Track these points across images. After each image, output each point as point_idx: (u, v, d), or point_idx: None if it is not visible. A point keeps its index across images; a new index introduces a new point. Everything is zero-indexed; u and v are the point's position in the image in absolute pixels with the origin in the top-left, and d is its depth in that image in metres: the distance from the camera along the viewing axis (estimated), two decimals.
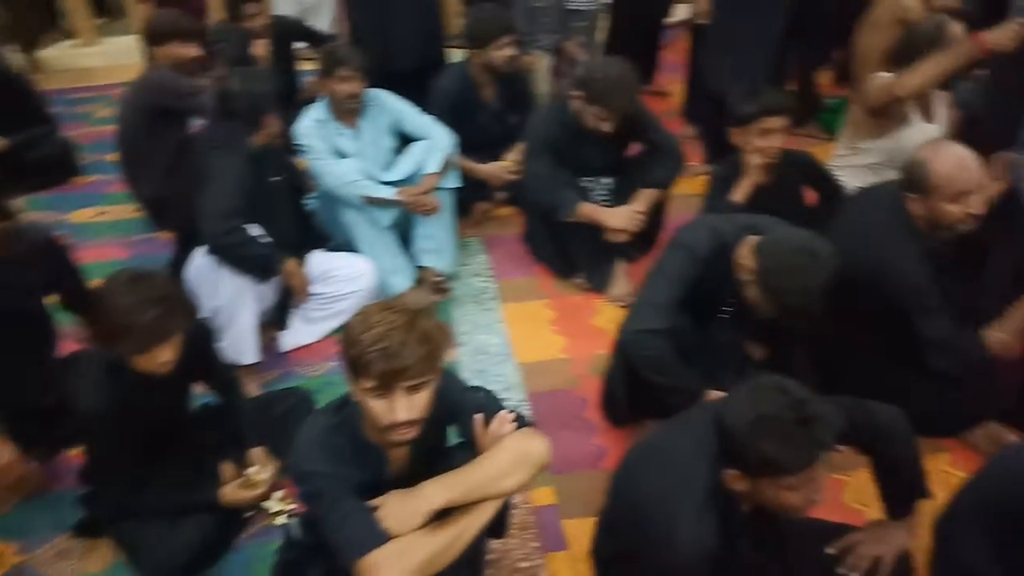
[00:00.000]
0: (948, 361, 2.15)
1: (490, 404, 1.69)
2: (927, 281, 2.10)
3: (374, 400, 1.45)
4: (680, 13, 4.28)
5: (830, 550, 1.80)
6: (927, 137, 2.62)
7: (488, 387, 1.77)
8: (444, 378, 1.59)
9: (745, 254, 1.99)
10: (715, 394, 1.98)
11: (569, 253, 3.09)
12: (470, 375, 2.67)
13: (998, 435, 2.27)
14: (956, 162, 2.06)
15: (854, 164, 2.89)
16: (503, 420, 1.61)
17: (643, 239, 3.05)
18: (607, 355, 2.35)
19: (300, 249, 2.79)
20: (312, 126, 2.95)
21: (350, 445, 1.58)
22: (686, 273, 2.06)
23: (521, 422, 1.65)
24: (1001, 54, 2.48)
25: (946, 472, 2.25)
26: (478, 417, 1.63)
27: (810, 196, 2.87)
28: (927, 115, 2.84)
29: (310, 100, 3.17)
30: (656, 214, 3.05)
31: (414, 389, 1.45)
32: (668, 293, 2.05)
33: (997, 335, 2.15)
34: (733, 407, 1.48)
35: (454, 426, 1.73)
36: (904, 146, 2.74)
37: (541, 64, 3.79)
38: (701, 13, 3.60)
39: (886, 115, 2.77)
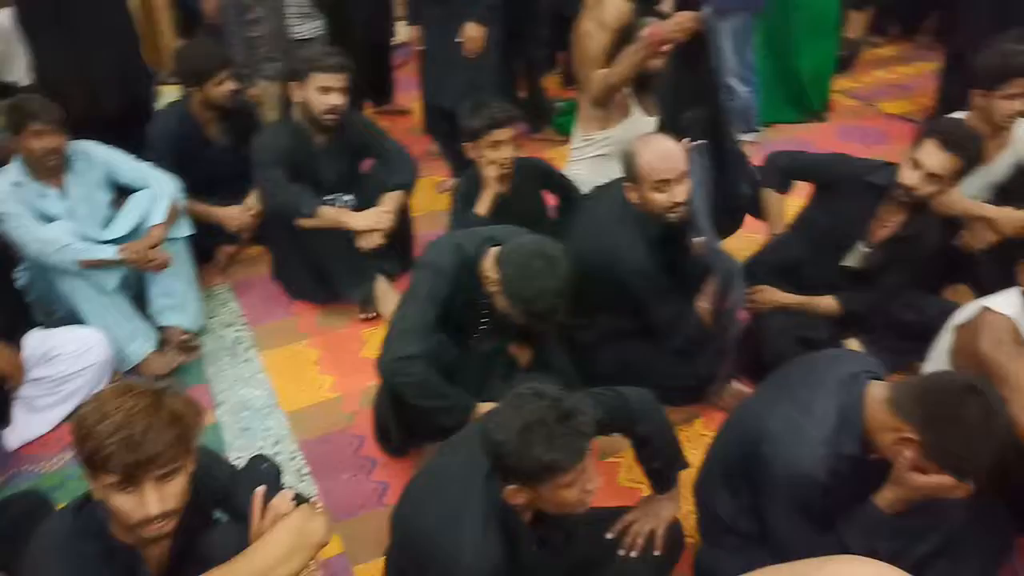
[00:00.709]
0: (677, 338, 2.36)
1: (266, 478, 1.56)
2: (651, 268, 2.27)
3: (120, 496, 1.29)
4: (402, 34, 4.31)
5: (609, 534, 1.89)
6: (642, 130, 2.87)
7: (256, 443, 1.65)
8: (202, 457, 1.45)
9: (488, 266, 2.03)
10: (486, 407, 2.00)
11: (325, 276, 2.99)
12: (234, 435, 2.49)
13: (737, 392, 2.51)
14: (660, 153, 2.23)
15: (588, 156, 3.07)
16: (281, 500, 1.49)
17: (399, 255, 3.05)
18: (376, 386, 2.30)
19: (13, 331, 2.45)
20: (7, 191, 2.60)
21: (97, 550, 1.38)
22: (436, 292, 2.07)
23: (299, 499, 1.54)
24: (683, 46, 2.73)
25: (702, 435, 2.45)
26: (257, 495, 1.49)
27: (551, 199, 3.01)
28: (648, 109, 3.10)
29: (2, 162, 2.79)
30: (405, 231, 3.06)
31: (165, 478, 1.31)
32: (421, 316, 2.04)
33: (702, 305, 2.39)
34: (497, 423, 1.48)
35: (222, 510, 1.59)
36: (627, 136, 2.98)
37: (268, 94, 3.65)
38: (414, 38, 3.65)
39: (608, 107, 2.99)
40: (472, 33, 3.43)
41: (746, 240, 2.97)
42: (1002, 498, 1.89)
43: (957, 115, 2.82)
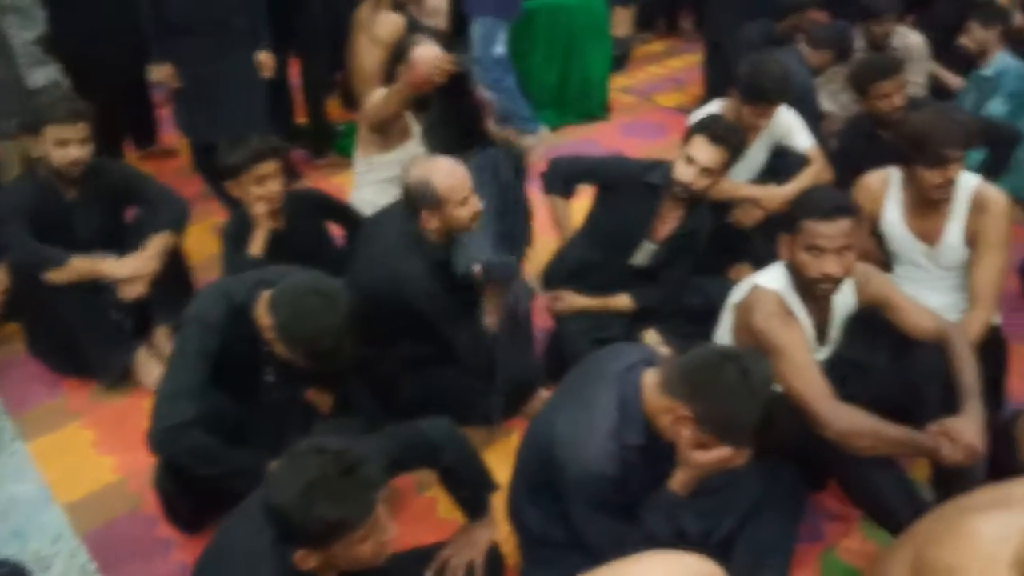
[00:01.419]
0: (475, 359, 2.32)
1: None
2: (438, 291, 2.23)
3: None
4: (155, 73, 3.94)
5: (428, 574, 1.80)
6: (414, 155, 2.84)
7: (30, 546, 1.40)
8: None
9: (261, 312, 1.88)
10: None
11: (78, 348, 2.65)
12: (4, 540, 2.16)
13: (546, 400, 2.50)
14: (451, 172, 2.23)
15: (372, 180, 2.98)
16: None
17: (172, 307, 2.78)
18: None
19: None
20: None
21: None
22: (205, 348, 1.89)
23: None
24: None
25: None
26: None
27: (336, 229, 2.88)
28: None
29: None
30: (181, 279, 2.81)
31: None
32: (190, 376, 1.86)
33: (490, 320, 2.38)
34: (276, 485, 1.36)
35: None
36: (405, 158, 2.93)
37: (8, 152, 3.25)
38: (168, 74, 3.36)
39: (387, 129, 2.91)
40: (265, 60, 3.31)
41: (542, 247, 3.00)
42: (789, 460, 1.98)
43: (715, 105, 3.00)
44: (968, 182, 2.36)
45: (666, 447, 1.65)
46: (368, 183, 2.98)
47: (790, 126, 2.98)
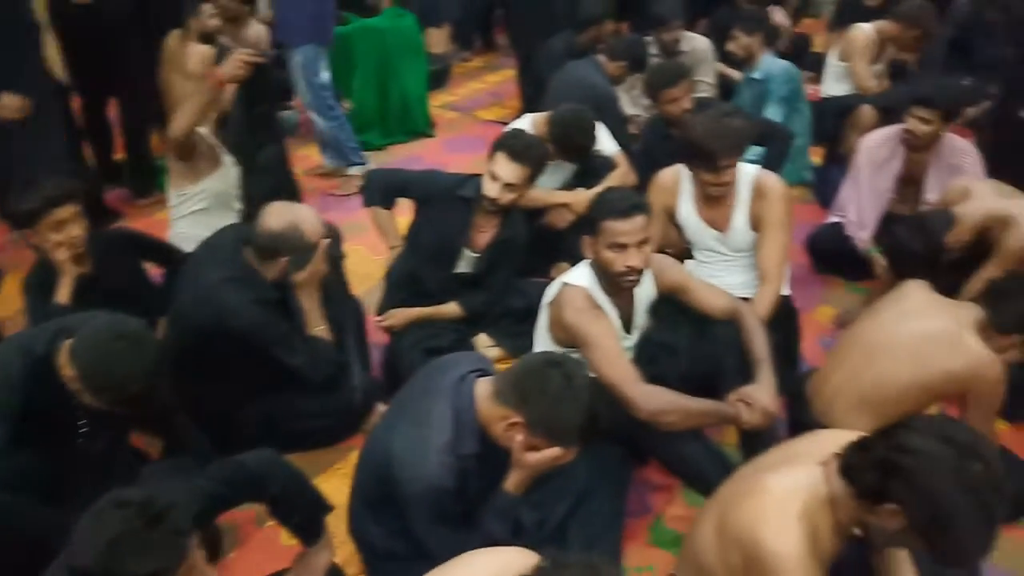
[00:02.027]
0: (318, 372, 2.31)
1: None
2: (266, 318, 2.22)
3: None
4: None
5: None
6: (234, 177, 2.80)
7: None
8: None
9: (63, 362, 1.80)
10: None
11: None
12: None
13: (382, 414, 2.54)
14: (304, 215, 2.24)
15: (186, 212, 2.92)
16: None
17: None
18: None
19: None
20: None
21: None
22: (3, 408, 1.78)
23: None
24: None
25: None
26: None
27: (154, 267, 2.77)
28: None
29: None
30: None
31: None
32: None
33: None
34: (79, 548, 1.30)
35: None
36: (221, 187, 2.88)
37: None
38: None
39: (196, 159, 2.85)
40: (8, 103, 2.99)
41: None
42: (612, 440, 2.13)
43: (525, 119, 3.15)
44: (749, 171, 2.61)
45: (500, 452, 1.73)
46: (182, 215, 2.90)
47: (596, 135, 3.18)
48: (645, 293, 2.29)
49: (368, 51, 4.35)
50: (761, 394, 2.05)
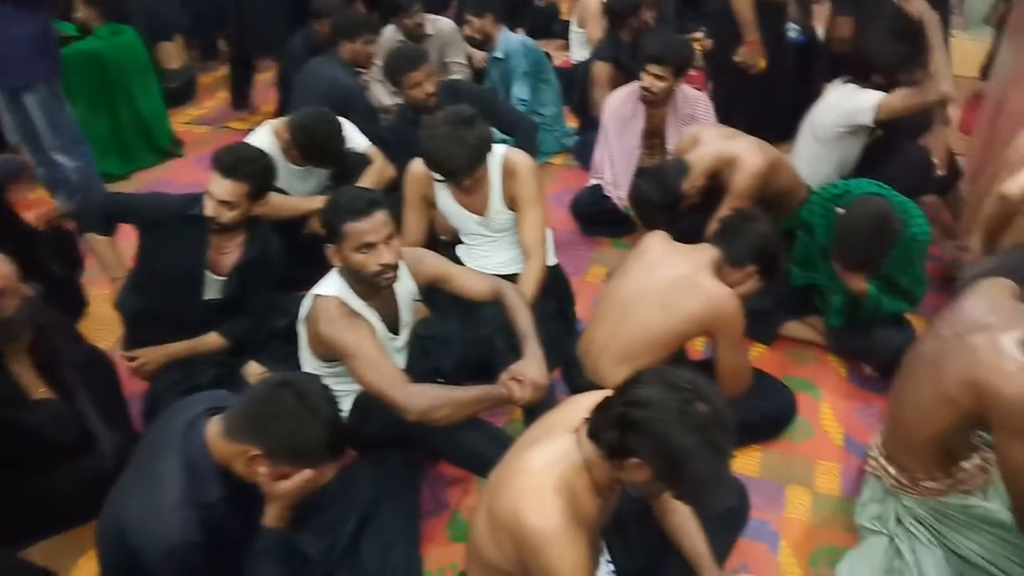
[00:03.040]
0: (60, 433, 2.06)
1: None
2: None
3: None
4: None
5: None
6: None
7: None
8: None
9: None
10: None
11: None
12: None
13: None
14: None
15: None
16: None
17: None
18: None
19: None
20: None
21: None
22: None
23: None
24: None
25: None
26: None
27: None
28: None
29: None
30: None
31: None
32: None
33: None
34: None
35: None
36: None
37: None
38: None
39: None
40: None
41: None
42: (394, 445, 2.07)
43: (264, 128, 2.97)
44: (498, 152, 2.60)
45: (251, 489, 1.61)
46: None
47: (343, 135, 3.07)
48: (405, 289, 2.23)
49: (87, 76, 3.93)
50: (529, 368, 2.05)
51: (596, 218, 3.49)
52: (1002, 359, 1.68)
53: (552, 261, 2.77)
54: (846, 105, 3.00)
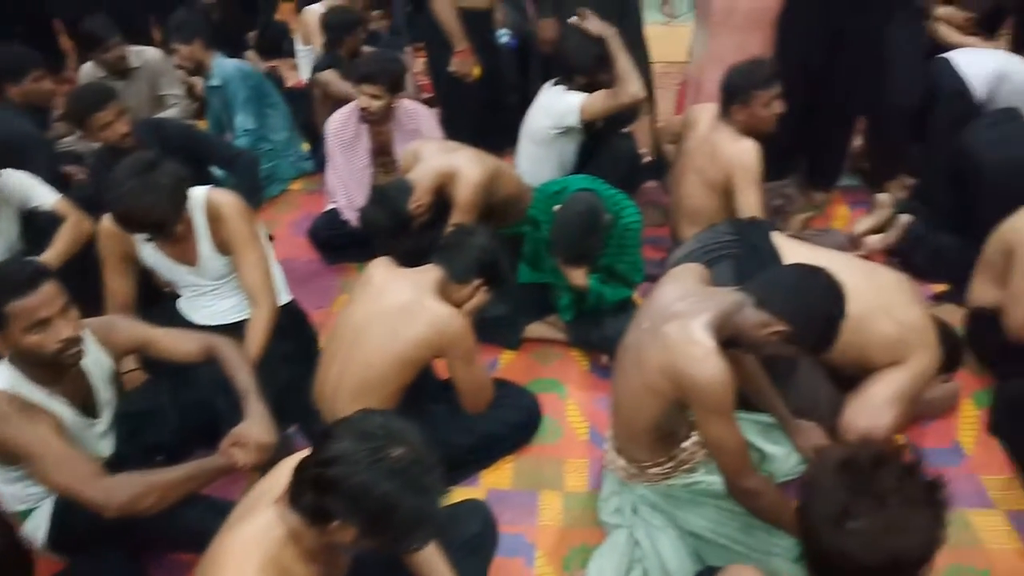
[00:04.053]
0: None
1: None
2: None
3: None
4: None
5: None
6: None
7: None
8: None
9: None
10: None
11: None
12: None
13: None
14: None
15: None
16: None
17: None
18: None
19: None
20: None
21: None
22: None
23: None
24: None
25: None
26: None
27: None
28: None
29: None
30: None
31: None
32: None
33: None
34: None
35: None
36: None
37: None
38: None
39: None
40: None
41: None
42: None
43: None
44: (198, 196, 2.39)
45: None
46: None
47: (24, 189, 2.72)
48: (97, 363, 1.99)
49: None
50: (252, 429, 1.91)
51: (337, 244, 3.37)
52: (691, 345, 1.77)
53: (285, 299, 2.62)
54: (555, 107, 3.09)
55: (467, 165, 2.78)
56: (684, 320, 1.82)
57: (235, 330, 2.38)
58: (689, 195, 2.97)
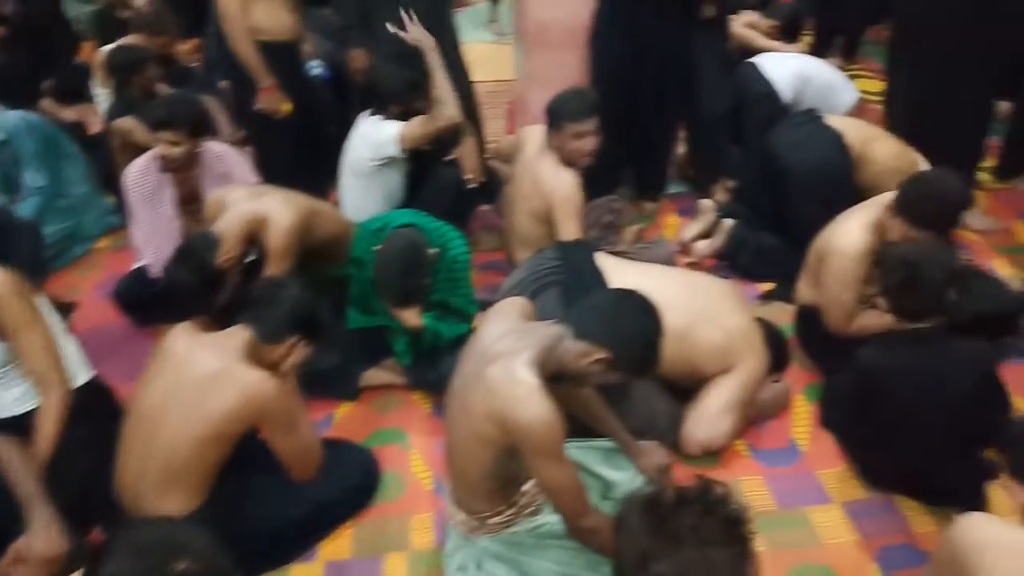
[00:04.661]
0: None
1: None
2: None
3: None
4: None
5: None
6: None
7: None
8: None
9: None
10: None
11: None
12: None
13: None
14: None
15: None
16: None
17: None
18: None
19: None
20: None
21: None
22: None
23: None
24: None
25: None
26: None
27: None
28: None
29: None
30: None
31: None
32: None
33: None
34: None
35: None
36: None
37: None
38: None
39: None
40: None
41: None
42: None
43: None
44: None
45: None
46: None
47: None
48: None
49: None
50: (36, 540, 1.68)
51: (146, 305, 3.07)
52: (514, 386, 1.69)
53: (83, 378, 2.34)
54: (373, 138, 2.97)
55: (277, 209, 2.59)
56: (506, 360, 1.73)
57: (25, 422, 2.10)
58: (519, 220, 2.93)
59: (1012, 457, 1.45)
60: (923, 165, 3.05)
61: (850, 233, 2.46)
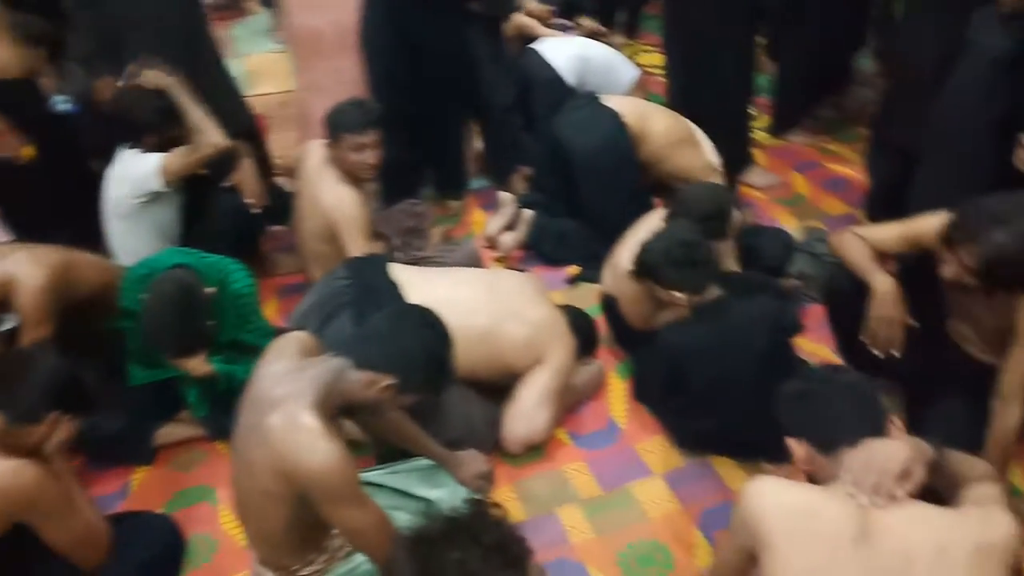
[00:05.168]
0: None
1: None
2: None
3: None
4: None
5: None
6: None
7: None
8: None
9: None
10: None
11: None
12: None
13: None
14: None
15: None
16: None
17: None
18: None
19: None
20: None
21: None
22: None
23: None
24: None
25: None
26: None
27: None
28: None
29: None
30: None
31: None
32: None
33: None
34: None
35: None
36: None
37: None
38: None
39: None
40: None
41: None
42: None
43: None
44: None
45: None
46: None
47: None
48: None
49: None
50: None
51: None
52: (296, 433, 1.56)
53: None
54: (132, 173, 2.70)
55: (24, 269, 2.28)
56: (285, 407, 1.60)
57: None
58: (310, 239, 2.79)
59: (783, 416, 1.49)
60: (697, 133, 3.18)
61: None
